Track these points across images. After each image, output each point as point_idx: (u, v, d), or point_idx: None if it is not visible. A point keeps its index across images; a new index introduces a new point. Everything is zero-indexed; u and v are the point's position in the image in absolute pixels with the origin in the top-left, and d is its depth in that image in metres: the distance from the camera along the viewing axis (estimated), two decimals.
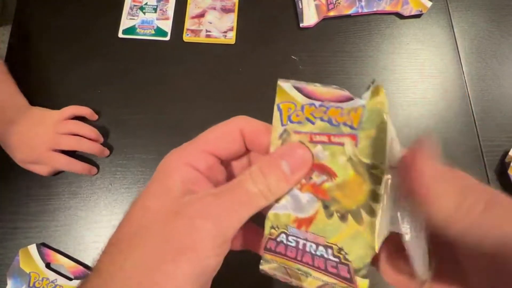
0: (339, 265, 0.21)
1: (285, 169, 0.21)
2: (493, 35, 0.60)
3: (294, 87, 0.23)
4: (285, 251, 0.22)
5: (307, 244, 0.22)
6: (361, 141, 0.20)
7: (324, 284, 0.22)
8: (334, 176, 0.21)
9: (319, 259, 0.22)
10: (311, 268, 0.22)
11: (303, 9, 0.59)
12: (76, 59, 0.58)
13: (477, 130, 0.54)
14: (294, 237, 0.22)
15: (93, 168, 0.52)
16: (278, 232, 0.23)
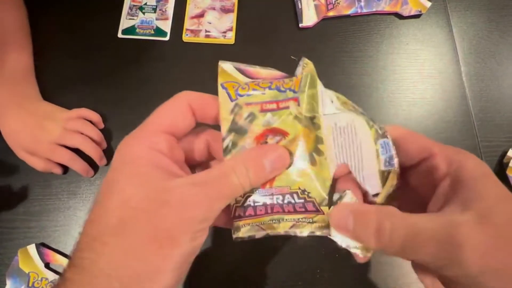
0: (305, 204, 0.24)
1: (266, 167, 0.23)
2: (492, 35, 0.60)
3: (236, 68, 0.27)
4: (254, 211, 0.24)
5: (274, 197, 0.24)
6: (302, 100, 0.24)
7: (295, 222, 0.24)
8: (286, 134, 0.24)
9: (288, 205, 0.24)
10: (282, 214, 0.24)
11: (302, 9, 0.59)
12: (76, 59, 0.58)
13: (475, 130, 0.55)
14: (260, 196, 0.24)
15: (91, 170, 0.51)
16: (243, 198, 0.24)
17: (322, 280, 0.47)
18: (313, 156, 0.24)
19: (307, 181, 0.24)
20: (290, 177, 0.24)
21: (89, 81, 0.57)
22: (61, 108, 0.53)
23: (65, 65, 0.57)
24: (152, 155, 0.23)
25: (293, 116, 0.24)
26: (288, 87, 0.25)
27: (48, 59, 0.57)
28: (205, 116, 0.26)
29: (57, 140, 0.50)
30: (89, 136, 0.51)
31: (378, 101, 0.56)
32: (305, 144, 0.24)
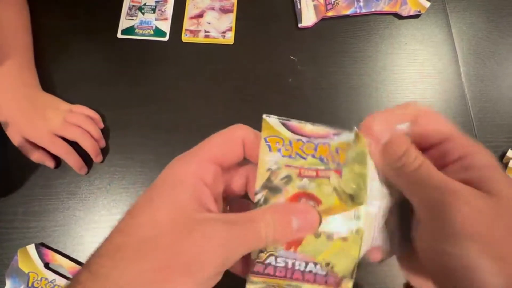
0: (327, 277, 0.23)
1: (294, 226, 0.23)
2: (491, 36, 0.60)
3: (281, 123, 0.25)
4: (274, 272, 0.24)
5: (296, 263, 0.24)
6: (345, 175, 0.23)
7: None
8: (319, 202, 0.24)
9: (309, 274, 0.24)
10: (300, 282, 0.24)
11: (301, 9, 0.59)
12: (75, 59, 0.58)
13: (475, 131, 0.55)
14: (283, 258, 0.24)
15: (85, 167, 0.52)
16: (266, 255, 0.24)
17: None
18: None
19: (333, 255, 0.23)
20: (316, 247, 0.24)
21: (88, 81, 0.57)
22: (62, 100, 0.53)
23: (65, 65, 0.58)
24: (195, 184, 0.23)
25: (332, 188, 0.24)
26: (331, 159, 0.24)
27: (47, 59, 0.57)
28: (253, 154, 0.25)
29: (56, 131, 0.50)
30: (88, 131, 0.51)
31: (378, 101, 0.56)
32: (342, 217, 0.23)
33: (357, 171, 0.23)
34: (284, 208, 0.24)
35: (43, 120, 0.50)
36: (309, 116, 0.54)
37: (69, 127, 0.50)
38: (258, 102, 0.56)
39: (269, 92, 0.56)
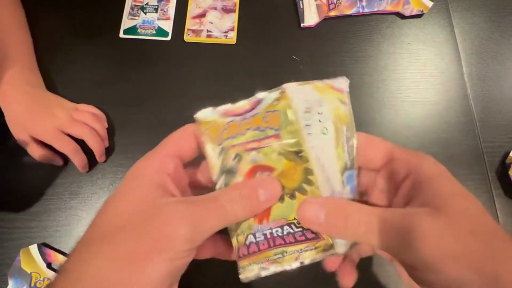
0: (304, 232, 0.25)
1: (261, 196, 0.25)
2: (493, 36, 0.60)
3: (214, 112, 0.28)
4: (257, 247, 0.25)
5: (273, 231, 0.25)
6: (284, 136, 0.25)
7: (299, 253, 0.25)
8: (272, 170, 0.25)
9: (288, 236, 0.25)
10: (284, 246, 0.25)
11: (304, 9, 0.59)
12: (77, 59, 0.58)
13: (477, 131, 0.55)
14: (260, 232, 0.25)
15: (87, 166, 0.51)
16: (245, 236, 0.26)
17: (322, 280, 0.47)
18: (303, 187, 0.25)
19: None
20: (284, 210, 0.25)
21: (90, 81, 0.57)
22: (67, 100, 0.53)
23: (67, 65, 0.57)
24: (155, 173, 0.25)
25: (277, 152, 0.25)
26: (267, 126, 0.26)
27: (50, 58, 0.57)
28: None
29: (63, 128, 0.49)
30: (95, 130, 0.51)
31: (379, 101, 0.56)
32: (293, 176, 0.25)
33: (290, 130, 0.25)
34: (248, 184, 0.25)
35: (50, 117, 0.50)
36: None
37: (76, 124, 0.50)
38: None
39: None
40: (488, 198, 0.51)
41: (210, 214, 0.23)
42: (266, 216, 0.25)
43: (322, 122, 0.26)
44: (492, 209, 0.51)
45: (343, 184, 0.25)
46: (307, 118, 0.26)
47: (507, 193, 0.52)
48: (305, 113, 0.26)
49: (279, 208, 0.25)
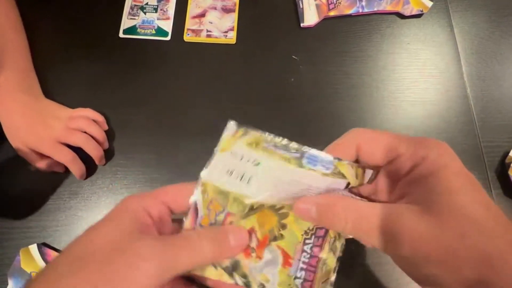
0: (317, 235, 0.27)
1: (231, 242, 0.26)
2: (493, 36, 0.60)
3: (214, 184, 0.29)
4: (309, 282, 0.27)
5: (301, 260, 0.27)
6: (232, 209, 0.28)
7: (330, 252, 0.27)
8: (253, 230, 0.28)
9: (312, 250, 0.27)
10: (319, 259, 0.27)
11: (303, 9, 0.59)
12: (76, 59, 0.58)
13: (477, 130, 0.55)
14: (296, 271, 0.27)
15: (85, 174, 0.51)
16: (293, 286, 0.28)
17: None
18: (282, 218, 0.28)
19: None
20: (289, 240, 0.27)
21: (90, 81, 0.57)
22: (64, 106, 0.53)
23: (66, 65, 0.57)
24: (139, 214, 0.25)
25: (240, 218, 0.28)
26: (216, 212, 0.28)
27: (49, 59, 0.57)
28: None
29: (59, 138, 0.50)
30: (92, 135, 0.51)
31: (379, 101, 0.56)
32: (269, 218, 0.28)
33: (231, 201, 0.28)
34: (220, 229, 0.27)
35: (46, 128, 0.49)
36: (311, 115, 0.55)
37: (72, 133, 0.50)
38: (260, 102, 0.56)
39: (271, 91, 0.56)
40: None
41: (179, 252, 0.24)
42: (291, 257, 0.27)
43: (250, 161, 0.28)
44: None
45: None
46: (236, 173, 0.28)
47: (506, 192, 0.52)
48: (230, 174, 0.28)
49: (286, 243, 0.27)
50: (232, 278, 0.28)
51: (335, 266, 0.27)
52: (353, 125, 0.54)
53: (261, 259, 0.28)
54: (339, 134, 0.29)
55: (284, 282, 0.28)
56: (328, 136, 0.29)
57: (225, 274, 0.28)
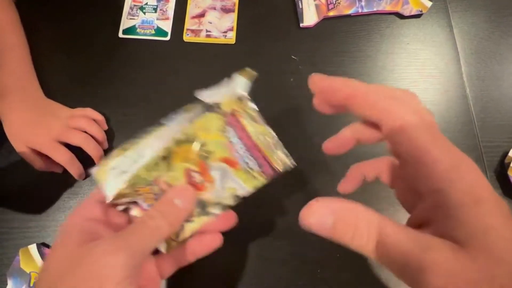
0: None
1: (179, 205, 0.28)
2: (493, 36, 0.60)
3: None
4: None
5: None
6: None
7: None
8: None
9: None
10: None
11: (303, 9, 0.59)
12: (76, 59, 0.58)
13: (476, 130, 0.55)
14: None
15: (84, 174, 0.51)
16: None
17: (322, 280, 0.47)
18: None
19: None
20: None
21: (89, 81, 0.57)
22: (64, 106, 0.53)
23: (66, 65, 0.58)
24: (82, 225, 0.26)
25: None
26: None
27: (49, 59, 0.57)
28: None
29: (59, 137, 0.49)
30: (92, 134, 0.51)
31: None
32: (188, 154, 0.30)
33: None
34: (164, 200, 0.28)
35: (46, 128, 0.50)
36: (310, 115, 0.55)
37: (72, 132, 0.50)
38: (259, 102, 0.55)
39: (270, 91, 0.56)
40: None
41: (140, 238, 0.25)
42: (231, 158, 0.31)
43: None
44: None
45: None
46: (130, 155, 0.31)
47: (506, 193, 0.52)
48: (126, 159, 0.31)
49: (219, 152, 0.30)
50: (210, 214, 0.30)
51: (264, 127, 0.32)
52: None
53: (215, 181, 0.30)
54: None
55: (246, 178, 0.31)
56: (327, 136, 0.29)
57: (202, 217, 0.30)
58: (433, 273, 0.18)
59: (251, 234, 0.49)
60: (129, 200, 0.29)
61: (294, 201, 0.50)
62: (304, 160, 0.52)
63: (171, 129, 0.31)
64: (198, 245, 0.32)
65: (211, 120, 0.31)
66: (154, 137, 0.31)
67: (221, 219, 0.32)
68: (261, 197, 0.50)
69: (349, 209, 0.21)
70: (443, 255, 0.18)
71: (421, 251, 0.19)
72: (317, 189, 0.51)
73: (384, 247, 0.20)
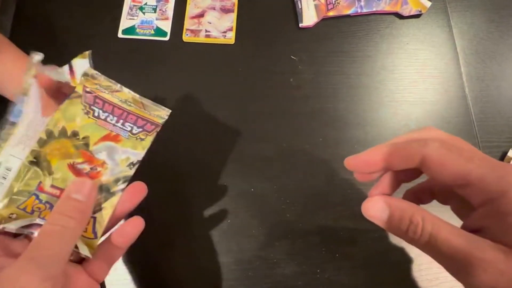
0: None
1: (79, 197, 0.27)
2: (492, 36, 0.60)
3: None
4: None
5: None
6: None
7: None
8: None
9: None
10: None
11: (302, 9, 0.59)
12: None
13: (475, 130, 0.55)
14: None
15: None
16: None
17: (322, 280, 0.47)
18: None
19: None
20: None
21: None
22: None
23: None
24: None
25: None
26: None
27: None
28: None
29: None
30: None
31: (378, 101, 0.56)
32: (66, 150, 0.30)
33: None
34: (62, 201, 0.27)
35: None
36: (310, 115, 0.55)
37: None
38: (259, 102, 0.56)
39: (270, 92, 0.56)
40: None
41: (47, 246, 0.24)
42: (111, 133, 0.31)
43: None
44: None
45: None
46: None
47: None
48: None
49: (96, 133, 0.31)
50: (116, 193, 0.31)
51: (124, 92, 0.33)
52: (352, 125, 0.55)
53: (105, 162, 0.31)
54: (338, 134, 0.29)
55: (133, 144, 0.32)
56: (326, 136, 0.29)
57: (110, 199, 0.30)
58: (484, 270, 0.19)
59: (251, 234, 0.49)
60: (25, 223, 0.28)
61: (294, 201, 0.50)
62: (303, 158, 0.52)
63: (26, 127, 0.29)
64: (121, 237, 0.30)
65: (69, 108, 0.31)
66: (12, 145, 0.29)
67: (131, 193, 0.31)
68: (261, 197, 0.50)
69: (405, 205, 0.23)
70: (495, 255, 0.20)
71: (473, 249, 0.20)
72: (317, 188, 0.51)
73: (436, 242, 0.21)
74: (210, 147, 0.52)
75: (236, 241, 0.48)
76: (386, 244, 0.48)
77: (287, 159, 0.52)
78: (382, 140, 0.54)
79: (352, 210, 0.49)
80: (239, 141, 0.53)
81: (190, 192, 0.50)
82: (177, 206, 0.50)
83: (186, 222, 0.49)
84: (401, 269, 0.48)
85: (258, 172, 0.51)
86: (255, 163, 0.52)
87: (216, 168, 0.51)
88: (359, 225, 0.48)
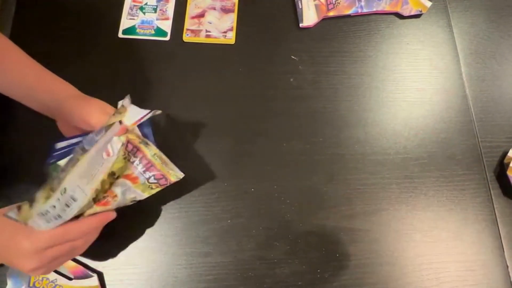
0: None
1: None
2: (492, 36, 0.60)
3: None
4: None
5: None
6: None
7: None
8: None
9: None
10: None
11: (303, 9, 0.59)
12: (76, 59, 0.58)
13: (476, 130, 0.55)
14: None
15: None
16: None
17: (322, 280, 0.47)
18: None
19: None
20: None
21: (88, 81, 0.56)
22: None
23: (65, 65, 0.57)
24: None
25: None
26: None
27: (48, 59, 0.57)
28: None
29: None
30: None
31: (378, 101, 0.56)
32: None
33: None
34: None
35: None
36: (310, 115, 0.55)
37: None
38: (259, 102, 0.56)
39: (270, 91, 0.56)
40: (486, 198, 0.52)
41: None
42: (132, 175, 0.39)
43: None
44: (490, 209, 0.51)
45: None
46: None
47: (505, 193, 0.52)
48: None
49: (122, 173, 0.39)
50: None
51: (155, 149, 0.40)
52: (352, 125, 0.55)
53: (118, 195, 0.38)
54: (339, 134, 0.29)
55: (143, 188, 0.40)
56: (327, 136, 0.29)
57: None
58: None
59: (251, 234, 0.49)
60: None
61: (294, 201, 0.50)
62: (303, 158, 0.52)
63: (92, 159, 0.35)
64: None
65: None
66: (79, 176, 0.35)
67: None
68: (261, 197, 0.50)
69: None
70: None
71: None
72: (317, 188, 0.51)
73: None
74: (210, 146, 0.52)
75: (236, 241, 0.48)
76: (386, 244, 0.48)
77: (287, 159, 0.52)
78: (382, 140, 0.54)
79: (352, 210, 0.49)
80: (239, 141, 0.53)
81: (190, 192, 0.50)
82: (177, 206, 0.50)
83: (186, 222, 0.49)
84: (401, 269, 0.48)
85: (258, 172, 0.51)
86: (255, 163, 0.52)
87: (216, 168, 0.51)
88: (359, 225, 0.48)
